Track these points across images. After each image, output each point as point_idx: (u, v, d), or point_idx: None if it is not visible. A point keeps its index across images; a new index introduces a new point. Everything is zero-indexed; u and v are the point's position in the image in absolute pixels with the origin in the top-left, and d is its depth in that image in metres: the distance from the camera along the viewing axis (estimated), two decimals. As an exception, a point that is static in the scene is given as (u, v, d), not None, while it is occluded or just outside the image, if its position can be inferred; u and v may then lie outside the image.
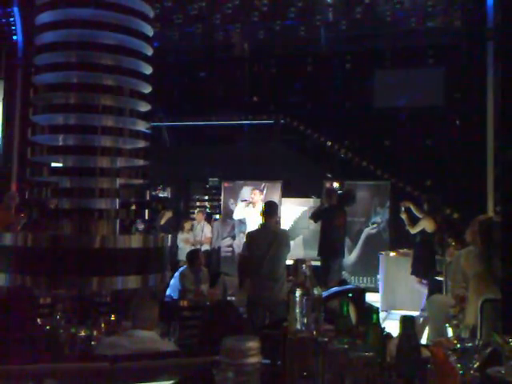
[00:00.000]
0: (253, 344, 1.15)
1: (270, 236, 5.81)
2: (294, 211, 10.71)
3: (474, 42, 10.23)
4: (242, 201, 10.17)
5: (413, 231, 7.97)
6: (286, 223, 10.32)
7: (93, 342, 3.37)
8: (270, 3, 10.62)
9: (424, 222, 7.84)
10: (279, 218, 10.05)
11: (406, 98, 11.94)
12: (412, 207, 8.14)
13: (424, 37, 11.20)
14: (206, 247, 10.84)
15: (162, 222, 10.69)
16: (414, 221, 8.01)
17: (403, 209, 8.18)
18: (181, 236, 10.57)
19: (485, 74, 9.31)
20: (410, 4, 10.88)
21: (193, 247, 10.25)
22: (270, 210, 6.00)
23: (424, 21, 10.94)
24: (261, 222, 6.08)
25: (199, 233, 10.91)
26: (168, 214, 10.85)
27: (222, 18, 11.23)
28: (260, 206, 8.47)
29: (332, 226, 8.21)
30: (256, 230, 6.29)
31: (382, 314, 7.99)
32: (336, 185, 10.10)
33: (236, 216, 10.27)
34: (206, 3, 10.77)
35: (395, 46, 11.59)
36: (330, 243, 8.19)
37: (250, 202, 9.65)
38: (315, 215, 8.62)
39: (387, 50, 11.81)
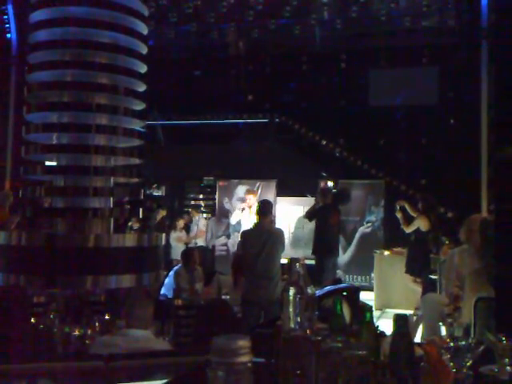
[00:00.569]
0: (243, 343, 1.14)
1: (264, 235, 5.81)
2: (288, 210, 10.72)
3: (469, 41, 10.27)
4: (239, 209, 10.11)
5: (408, 230, 7.99)
6: (280, 222, 10.33)
7: (87, 341, 3.37)
8: (264, 2, 10.62)
9: (419, 220, 7.86)
10: (274, 216, 10.05)
11: (401, 96, 11.97)
12: (406, 206, 8.15)
13: (419, 36, 11.23)
14: (200, 243, 10.85)
15: (156, 220, 10.72)
16: (409, 220, 8.03)
17: (398, 208, 8.20)
18: (173, 234, 10.57)
19: (479, 73, 9.34)
20: (404, 3, 10.90)
21: (185, 246, 10.27)
22: (265, 209, 6.00)
23: (419, 20, 10.97)
24: (255, 221, 6.09)
25: (194, 227, 10.94)
26: (162, 213, 10.88)
27: (217, 17, 11.22)
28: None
29: (327, 225, 8.22)
30: (250, 229, 6.29)
31: (376, 313, 8.01)
32: (330, 184, 10.12)
33: (233, 221, 10.26)
34: (201, 2, 10.77)
35: (390, 45, 11.62)
36: (325, 242, 8.21)
37: (248, 206, 9.61)
38: (310, 214, 8.64)
39: (382, 49, 11.82)
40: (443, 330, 4.47)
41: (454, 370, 1.70)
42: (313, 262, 8.24)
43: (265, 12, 10.89)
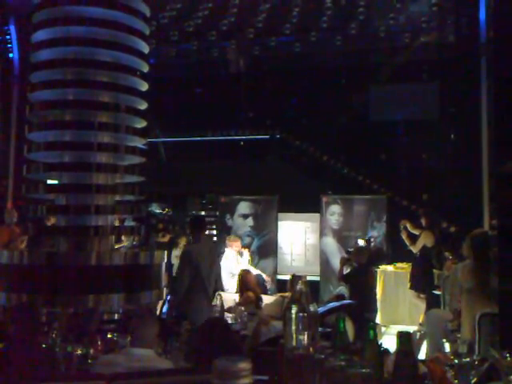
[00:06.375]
0: (243, 365, 1.13)
1: (212, 249, 6.13)
2: (290, 226, 10.69)
3: (468, 56, 10.32)
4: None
5: (415, 250, 7.93)
6: (282, 238, 10.31)
7: (89, 361, 3.35)
8: (265, 20, 10.70)
9: (424, 237, 7.85)
10: (272, 232, 10.03)
11: (401, 112, 12.01)
12: (408, 226, 8.12)
13: (418, 52, 11.29)
14: None
15: (165, 241, 10.80)
16: (413, 238, 8.00)
17: (402, 228, 8.15)
18: (175, 252, 10.56)
19: (478, 87, 9.37)
20: (403, 20, 10.97)
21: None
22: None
23: (418, 36, 11.04)
24: (198, 236, 5.98)
25: None
26: (168, 236, 10.98)
27: (218, 35, 11.31)
28: (246, 254, 8.35)
29: (365, 288, 7.25)
30: (196, 244, 6.03)
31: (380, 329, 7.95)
32: (362, 242, 9.36)
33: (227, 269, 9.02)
34: (202, 20, 10.85)
35: (390, 61, 11.69)
36: (363, 305, 7.04)
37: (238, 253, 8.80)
38: (347, 277, 7.57)
39: (382, 65, 11.90)
40: (447, 347, 4.43)
41: (459, 388, 1.68)
42: (316, 278, 8.14)
43: (265, 30, 10.97)
